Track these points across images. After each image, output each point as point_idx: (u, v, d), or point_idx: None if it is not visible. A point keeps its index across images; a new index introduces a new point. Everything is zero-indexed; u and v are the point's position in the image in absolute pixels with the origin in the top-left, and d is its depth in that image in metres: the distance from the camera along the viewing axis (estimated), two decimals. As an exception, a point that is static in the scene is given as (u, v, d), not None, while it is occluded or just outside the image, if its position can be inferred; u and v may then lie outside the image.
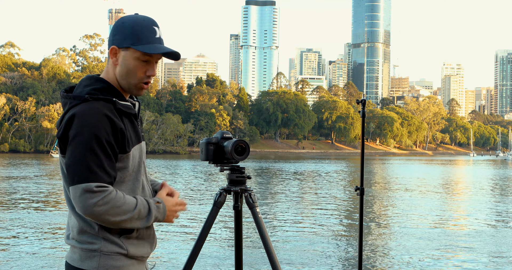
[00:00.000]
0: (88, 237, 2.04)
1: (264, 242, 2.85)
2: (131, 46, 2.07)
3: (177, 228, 12.86)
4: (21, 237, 11.43)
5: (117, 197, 1.97)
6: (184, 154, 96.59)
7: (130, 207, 1.99)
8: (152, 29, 2.09)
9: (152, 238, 2.18)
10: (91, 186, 1.93)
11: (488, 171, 50.16)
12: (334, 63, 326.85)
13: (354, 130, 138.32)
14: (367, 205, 18.08)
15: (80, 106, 2.01)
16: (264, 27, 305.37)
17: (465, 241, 11.76)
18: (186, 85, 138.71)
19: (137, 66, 2.09)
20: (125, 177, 2.07)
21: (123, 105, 2.07)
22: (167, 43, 2.23)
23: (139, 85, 2.12)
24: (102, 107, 2.01)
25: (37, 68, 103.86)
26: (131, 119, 2.12)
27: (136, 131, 2.13)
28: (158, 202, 2.09)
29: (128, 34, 2.07)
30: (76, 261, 2.04)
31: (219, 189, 3.00)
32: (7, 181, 27.13)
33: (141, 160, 2.14)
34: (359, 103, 4.18)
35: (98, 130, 1.97)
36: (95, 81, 2.10)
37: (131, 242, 2.08)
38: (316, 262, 9.38)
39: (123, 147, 2.04)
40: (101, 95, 2.05)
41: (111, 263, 2.03)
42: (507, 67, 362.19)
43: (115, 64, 2.11)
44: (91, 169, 1.95)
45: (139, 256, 2.10)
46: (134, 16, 2.12)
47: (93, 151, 1.96)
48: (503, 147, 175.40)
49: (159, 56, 2.11)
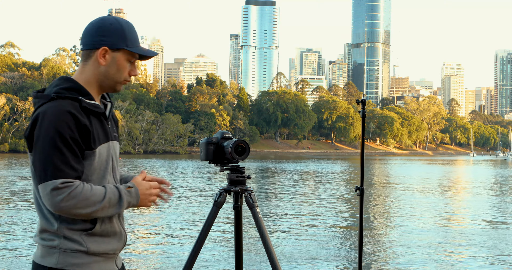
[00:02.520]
0: (49, 235, 2.07)
1: (264, 242, 2.86)
2: (126, 47, 2.15)
3: (178, 227, 12.87)
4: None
5: (84, 189, 2.00)
6: (184, 154, 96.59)
7: (99, 197, 2.02)
8: (136, 32, 2.21)
9: (119, 234, 2.18)
10: (57, 183, 1.97)
11: (488, 171, 50.16)
12: (334, 63, 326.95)
13: (354, 130, 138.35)
14: (367, 205, 18.09)
15: (46, 105, 2.06)
16: (264, 27, 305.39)
17: (466, 240, 11.76)
18: (186, 85, 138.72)
19: (126, 66, 2.18)
20: (90, 175, 2.10)
21: (89, 103, 2.10)
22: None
23: (122, 83, 2.20)
24: (66, 105, 2.05)
25: (37, 68, 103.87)
26: (100, 118, 2.15)
27: (105, 130, 2.16)
28: (130, 187, 2.12)
29: (120, 36, 2.14)
30: (38, 258, 2.09)
31: (219, 189, 3.01)
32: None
33: (109, 159, 2.16)
34: (359, 103, 4.18)
35: (61, 127, 2.01)
36: (64, 81, 2.14)
37: (93, 239, 2.09)
38: (316, 262, 9.38)
39: (88, 144, 2.07)
40: (68, 93, 2.09)
41: (70, 260, 2.05)
42: (507, 67, 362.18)
43: (102, 64, 2.15)
44: (56, 166, 1.99)
45: (102, 252, 2.11)
46: (117, 18, 2.18)
47: (58, 148, 2.00)
48: (503, 147, 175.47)
49: (137, 56, 2.22)
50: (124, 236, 2.22)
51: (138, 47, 2.19)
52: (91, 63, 2.16)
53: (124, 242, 2.22)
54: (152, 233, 12.22)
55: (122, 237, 2.20)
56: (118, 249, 2.19)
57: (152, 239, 11.53)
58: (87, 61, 2.17)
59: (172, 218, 14.45)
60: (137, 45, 2.19)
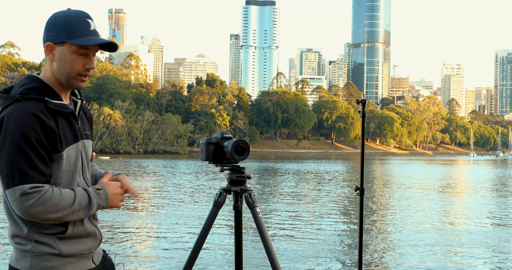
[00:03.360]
0: (21, 239, 2.05)
1: (264, 242, 2.85)
2: (66, 40, 2.05)
3: (177, 228, 12.87)
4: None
5: (53, 195, 1.96)
6: (184, 154, 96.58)
7: (68, 201, 1.99)
8: (85, 22, 2.09)
9: (93, 234, 2.16)
10: (25, 188, 1.93)
11: (488, 171, 50.16)
12: (334, 63, 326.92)
13: (354, 130, 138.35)
14: (367, 205, 18.09)
15: (11, 107, 2.00)
16: (264, 27, 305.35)
17: (466, 240, 11.76)
18: (186, 85, 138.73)
19: (75, 60, 2.08)
20: (59, 178, 2.06)
21: (56, 104, 2.04)
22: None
23: (78, 78, 2.10)
24: (32, 106, 1.99)
25: (37, 68, 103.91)
26: (68, 118, 2.10)
27: (74, 130, 2.11)
28: (98, 189, 2.09)
29: (61, 29, 2.06)
30: (13, 261, 2.07)
31: (219, 189, 3.00)
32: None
33: (78, 160, 2.12)
34: (359, 103, 4.18)
35: (26, 131, 1.95)
36: (31, 80, 2.08)
37: (65, 242, 2.07)
38: (316, 262, 9.38)
39: (55, 147, 2.02)
40: (34, 94, 2.03)
41: (43, 263, 2.03)
42: (507, 67, 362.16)
43: (52, 60, 2.09)
44: (23, 171, 1.94)
45: (76, 253, 2.09)
46: (66, 11, 2.10)
47: (24, 152, 1.94)
48: (503, 147, 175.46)
49: (97, 48, 2.10)
50: (99, 235, 2.19)
51: (83, 37, 2.06)
52: (47, 60, 2.12)
53: (100, 240, 2.19)
54: (152, 233, 12.22)
55: (97, 236, 2.18)
56: (93, 247, 2.16)
57: (152, 239, 11.53)
58: (46, 59, 2.13)
59: (172, 218, 14.45)
60: (84, 36, 2.07)
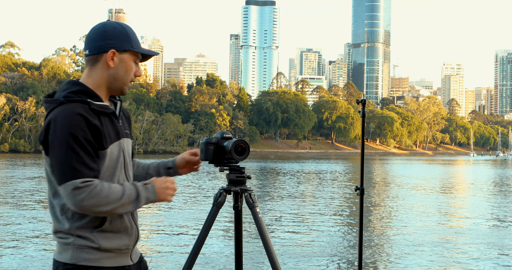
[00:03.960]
0: (63, 234, 2.18)
1: (264, 242, 2.85)
2: (132, 49, 2.26)
3: (177, 228, 12.87)
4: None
5: (103, 188, 2.10)
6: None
7: (117, 195, 2.12)
8: (136, 34, 2.33)
9: (130, 230, 2.26)
10: (77, 183, 2.08)
11: (488, 171, 50.16)
12: (334, 63, 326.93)
13: (354, 130, 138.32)
14: (367, 205, 18.08)
15: (56, 109, 2.16)
16: (264, 27, 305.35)
17: (466, 239, 11.75)
18: (186, 85, 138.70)
19: (133, 67, 2.29)
20: (102, 173, 2.20)
21: (98, 105, 2.19)
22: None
23: (129, 84, 2.31)
24: (76, 107, 2.14)
25: (37, 68, 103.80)
26: (110, 118, 2.24)
27: (116, 129, 2.25)
28: (146, 184, 2.22)
29: (125, 38, 2.26)
30: (56, 254, 2.22)
31: (219, 189, 3.00)
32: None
33: (119, 157, 2.26)
34: (359, 103, 4.18)
35: (74, 130, 2.10)
36: (72, 85, 2.22)
37: (104, 236, 2.18)
38: (316, 262, 9.38)
39: (100, 144, 2.17)
40: (76, 97, 2.18)
41: (83, 255, 2.16)
42: (507, 67, 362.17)
43: (112, 66, 2.25)
44: (74, 167, 2.09)
45: (114, 248, 2.21)
46: (118, 22, 2.29)
47: (73, 150, 2.09)
48: (503, 147, 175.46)
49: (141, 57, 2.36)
50: (136, 231, 2.29)
51: (141, 48, 2.30)
52: (99, 66, 2.25)
53: (136, 237, 2.30)
54: (152, 233, 12.21)
55: (134, 232, 2.28)
56: (130, 244, 2.27)
57: (152, 239, 11.53)
58: (95, 65, 2.26)
59: (172, 218, 14.45)
60: (140, 46, 2.31)
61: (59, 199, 2.18)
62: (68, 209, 2.16)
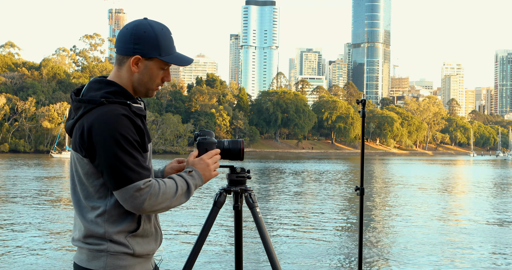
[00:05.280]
0: (95, 239, 2.09)
1: (264, 242, 2.85)
2: (159, 57, 2.13)
3: (177, 227, 12.87)
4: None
5: (160, 186, 2.07)
6: (184, 154, 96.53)
7: (173, 189, 2.10)
8: (170, 38, 2.18)
9: (156, 234, 2.23)
10: (139, 185, 2.02)
11: (488, 171, 50.16)
12: (334, 63, 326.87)
13: (354, 130, 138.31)
14: (367, 205, 18.09)
15: (97, 110, 2.06)
16: (264, 27, 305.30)
17: (467, 239, 11.76)
18: (186, 85, 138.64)
19: (159, 74, 2.17)
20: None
21: (136, 107, 2.13)
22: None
23: (155, 89, 2.21)
24: (120, 109, 2.06)
25: (37, 68, 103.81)
26: (143, 120, 2.17)
27: (147, 130, 2.20)
28: (190, 171, 2.21)
29: (153, 45, 2.12)
30: (83, 262, 2.10)
31: (219, 189, 3.00)
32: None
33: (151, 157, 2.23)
34: (359, 103, 4.18)
35: (124, 131, 2.02)
36: (105, 84, 2.13)
37: (137, 241, 2.13)
38: (316, 261, 9.38)
39: (144, 145, 2.11)
40: (115, 98, 2.09)
41: (118, 262, 2.09)
42: (507, 67, 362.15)
43: (135, 71, 2.14)
44: (132, 169, 2.02)
45: (145, 254, 2.16)
46: (152, 24, 2.15)
47: (127, 151, 2.02)
48: (503, 147, 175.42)
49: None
50: (160, 235, 2.26)
51: (172, 55, 2.16)
52: (125, 68, 2.15)
53: (160, 241, 2.27)
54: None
55: (159, 236, 2.25)
56: (155, 248, 2.23)
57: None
58: (122, 65, 2.16)
59: (172, 218, 14.45)
60: (172, 53, 2.16)
61: (94, 201, 2.09)
62: (105, 212, 2.08)
